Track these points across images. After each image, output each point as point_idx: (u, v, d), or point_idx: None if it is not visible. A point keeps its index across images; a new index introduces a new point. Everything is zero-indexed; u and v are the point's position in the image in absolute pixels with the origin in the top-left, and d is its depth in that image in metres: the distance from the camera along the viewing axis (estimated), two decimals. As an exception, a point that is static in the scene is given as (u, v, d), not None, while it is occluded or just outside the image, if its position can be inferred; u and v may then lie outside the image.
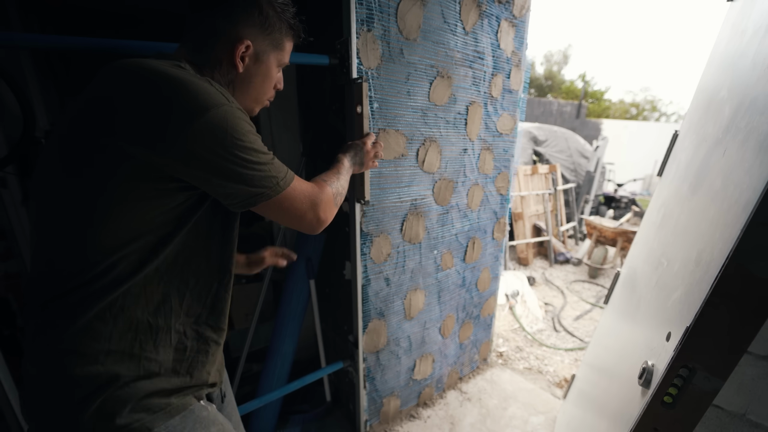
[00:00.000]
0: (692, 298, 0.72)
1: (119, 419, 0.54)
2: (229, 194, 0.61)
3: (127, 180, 0.53)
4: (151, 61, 0.57)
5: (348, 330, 1.58)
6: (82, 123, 0.55)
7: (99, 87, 0.56)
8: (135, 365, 0.57)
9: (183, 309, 0.63)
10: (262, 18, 0.68)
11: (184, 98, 0.53)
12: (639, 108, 30.16)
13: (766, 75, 0.73)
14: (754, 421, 0.82)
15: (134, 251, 0.56)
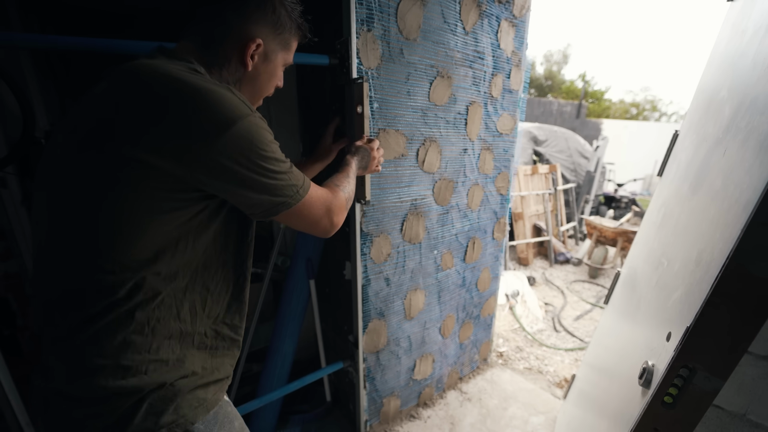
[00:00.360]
0: (692, 298, 0.71)
1: (165, 417, 0.56)
2: (252, 204, 0.61)
3: (151, 192, 0.53)
4: (168, 66, 0.56)
5: (348, 330, 1.58)
6: (98, 132, 0.52)
7: (116, 93, 0.54)
8: (174, 369, 0.59)
9: (205, 312, 0.64)
10: (274, 17, 0.68)
11: (211, 111, 0.53)
12: (639, 108, 30.17)
13: (766, 75, 0.73)
14: (755, 421, 0.82)
15: (162, 264, 0.56)
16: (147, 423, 0.55)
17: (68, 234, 0.55)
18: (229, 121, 0.54)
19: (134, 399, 0.55)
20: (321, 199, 0.71)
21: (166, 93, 0.52)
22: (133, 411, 0.54)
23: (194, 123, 0.52)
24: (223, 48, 0.65)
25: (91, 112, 0.55)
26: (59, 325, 0.55)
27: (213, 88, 0.55)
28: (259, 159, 0.58)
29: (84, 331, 0.53)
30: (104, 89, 0.56)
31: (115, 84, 0.55)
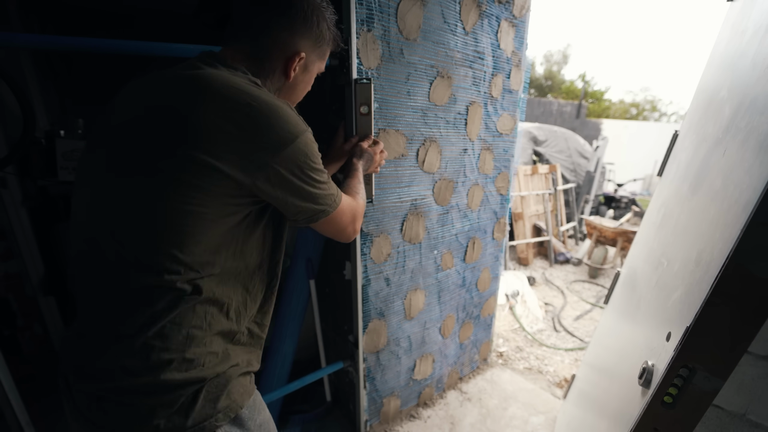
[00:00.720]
0: (692, 298, 0.71)
1: (221, 402, 0.62)
2: (298, 211, 0.67)
3: (216, 197, 0.57)
4: (237, 79, 0.60)
5: (348, 330, 1.58)
6: (168, 135, 0.55)
7: (188, 101, 0.56)
8: (224, 361, 0.64)
9: (247, 312, 0.69)
10: (317, 31, 0.72)
11: (279, 126, 0.59)
12: (639, 108, 30.16)
13: (766, 75, 0.73)
14: (754, 421, 0.82)
15: (217, 265, 0.61)
16: (206, 409, 0.60)
17: (132, 235, 0.57)
18: (292, 137, 0.60)
19: (196, 387, 0.60)
20: (349, 208, 0.77)
21: (242, 107, 0.57)
22: (194, 398, 0.59)
23: (265, 136, 0.57)
24: (269, 59, 0.69)
25: (156, 114, 0.57)
26: (125, 323, 0.57)
27: (280, 105, 0.61)
28: (310, 171, 0.64)
29: (152, 328, 0.57)
30: (170, 94, 0.58)
31: (186, 91, 0.57)
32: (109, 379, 0.57)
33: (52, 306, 2.13)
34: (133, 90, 0.64)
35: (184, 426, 0.58)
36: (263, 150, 0.57)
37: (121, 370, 0.57)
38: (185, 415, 0.58)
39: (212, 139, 0.55)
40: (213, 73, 0.59)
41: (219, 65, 0.64)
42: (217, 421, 0.61)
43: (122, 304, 0.57)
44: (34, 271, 2.03)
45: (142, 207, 0.56)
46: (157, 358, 0.57)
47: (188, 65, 0.63)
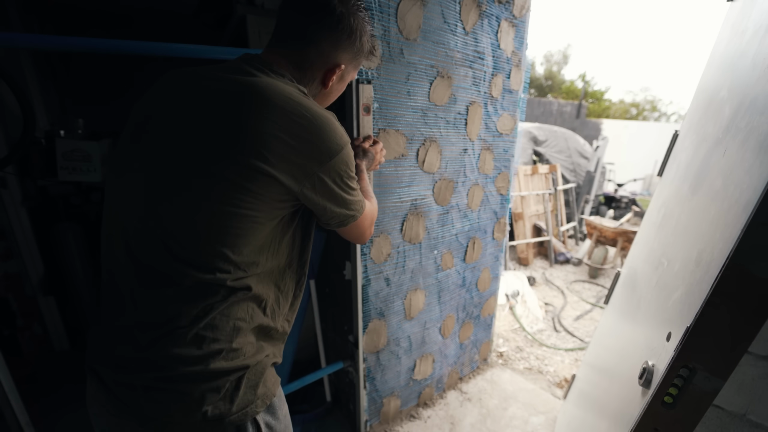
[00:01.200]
0: (692, 298, 0.71)
1: (259, 389, 0.67)
2: (333, 216, 0.70)
3: (265, 200, 0.60)
4: (288, 87, 0.63)
5: (348, 330, 1.58)
6: (223, 139, 0.58)
7: (242, 107, 0.58)
8: (260, 351, 0.68)
9: (280, 309, 0.73)
10: (359, 46, 0.75)
11: (329, 138, 0.63)
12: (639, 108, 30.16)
13: (766, 75, 0.73)
14: (755, 421, 0.82)
15: (260, 265, 0.65)
16: (248, 395, 0.65)
17: (185, 234, 0.59)
18: (338, 148, 0.64)
19: (239, 374, 0.64)
20: (369, 212, 0.80)
21: (298, 119, 0.60)
22: (237, 385, 0.64)
23: (316, 147, 0.61)
24: (311, 68, 0.72)
25: (212, 119, 0.59)
26: (178, 316, 0.60)
27: (329, 116, 0.65)
28: (348, 179, 0.69)
29: (204, 320, 0.60)
30: (227, 100, 0.60)
31: (245, 99, 0.59)
32: (160, 369, 0.59)
33: (52, 306, 2.13)
34: (177, 87, 0.65)
35: (230, 411, 0.62)
36: (314, 160, 0.62)
37: (174, 360, 0.59)
38: (230, 401, 0.63)
39: (269, 147, 0.58)
40: (269, 82, 0.62)
41: (269, 72, 0.66)
42: (257, 408, 0.66)
43: (175, 299, 0.60)
44: (34, 271, 2.03)
45: (195, 208, 0.58)
46: (209, 347, 0.60)
47: (238, 69, 0.65)
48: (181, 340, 0.59)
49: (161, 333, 0.59)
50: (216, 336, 0.61)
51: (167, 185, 0.60)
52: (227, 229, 0.59)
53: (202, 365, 0.60)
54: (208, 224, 0.58)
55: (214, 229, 0.59)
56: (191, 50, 0.95)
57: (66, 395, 1.86)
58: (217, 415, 0.61)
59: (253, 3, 1.62)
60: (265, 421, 0.68)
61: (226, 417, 0.62)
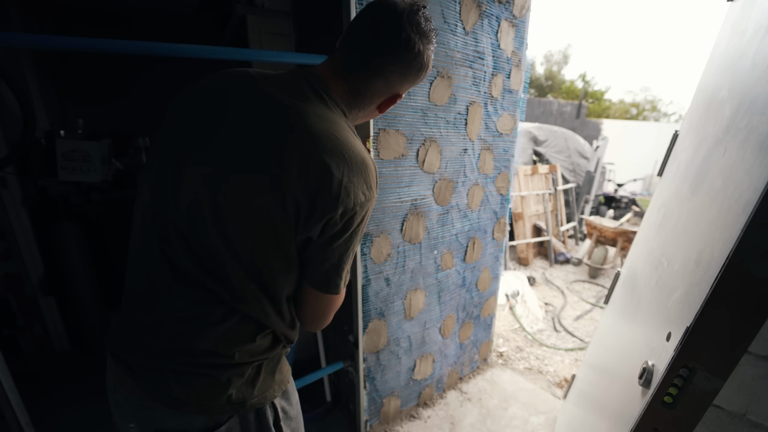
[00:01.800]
0: (692, 298, 0.72)
1: (276, 375, 0.72)
2: (314, 273, 0.67)
3: (290, 231, 0.60)
4: (341, 131, 0.62)
5: (348, 330, 1.58)
6: (270, 170, 0.57)
7: (296, 145, 0.57)
8: (277, 344, 0.71)
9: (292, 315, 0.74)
10: (422, 74, 0.71)
11: (364, 190, 0.62)
12: (639, 108, 30.16)
13: (766, 75, 0.73)
14: (754, 421, 0.82)
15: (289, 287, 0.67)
16: (267, 381, 0.69)
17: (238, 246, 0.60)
18: (368, 198, 0.64)
19: (260, 362, 0.68)
20: (337, 303, 0.75)
21: (341, 172, 0.59)
22: (258, 371, 0.68)
23: (351, 198, 0.60)
24: (372, 96, 0.70)
25: (259, 139, 0.58)
26: (213, 313, 0.62)
27: (371, 164, 0.64)
28: (355, 238, 0.66)
29: (233, 318, 0.63)
30: (276, 127, 0.59)
31: (294, 135, 0.58)
32: (190, 355, 0.62)
33: (52, 306, 2.13)
34: (235, 95, 0.63)
35: (251, 395, 0.66)
36: (341, 209, 0.61)
37: (204, 351, 0.62)
38: (252, 386, 0.66)
39: (308, 192, 0.59)
40: (325, 127, 0.60)
41: (324, 97, 0.65)
42: (275, 392, 0.70)
43: (206, 300, 0.62)
44: (34, 271, 2.03)
45: (239, 218, 0.59)
46: (236, 341, 0.63)
47: (296, 88, 0.63)
48: (212, 334, 0.62)
49: (192, 327, 0.62)
50: (243, 331, 0.64)
51: (213, 191, 0.59)
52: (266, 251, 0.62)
53: (229, 357, 0.63)
54: (238, 229, 0.60)
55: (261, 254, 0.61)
56: (191, 50, 0.95)
57: (66, 395, 1.86)
58: (240, 399, 0.65)
59: (253, 3, 1.62)
60: (281, 405, 0.72)
61: (248, 400, 0.66)
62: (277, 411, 0.71)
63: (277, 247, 0.61)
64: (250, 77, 0.65)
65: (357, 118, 0.74)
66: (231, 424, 0.65)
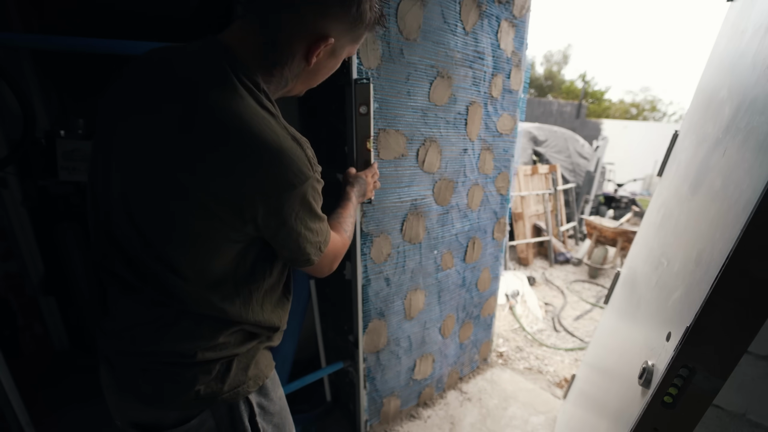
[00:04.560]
0: (692, 298, 0.72)
1: (250, 371, 0.69)
2: (282, 255, 0.66)
3: (214, 227, 0.57)
4: (248, 110, 0.54)
5: (348, 330, 1.58)
6: (176, 158, 0.54)
7: (199, 133, 0.53)
8: (252, 339, 0.70)
9: (260, 306, 0.72)
10: (357, 13, 0.61)
11: (280, 172, 0.55)
12: (639, 108, 30.15)
13: (766, 75, 0.73)
14: (754, 421, 0.82)
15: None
16: (239, 376, 0.67)
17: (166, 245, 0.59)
18: (291, 185, 0.56)
19: (229, 359, 0.66)
20: (333, 251, 0.74)
21: (247, 150, 0.53)
22: (228, 367, 0.66)
23: (259, 184, 0.54)
24: (290, 45, 0.59)
25: (164, 128, 0.54)
26: (166, 314, 0.62)
27: (287, 147, 0.55)
28: (301, 223, 0.61)
29: (188, 318, 0.63)
30: (181, 114, 0.54)
31: (199, 121, 0.53)
32: (155, 355, 0.63)
33: (52, 306, 2.13)
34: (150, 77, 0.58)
35: (222, 390, 0.65)
36: (257, 196, 0.56)
37: (167, 351, 0.62)
38: (222, 381, 0.65)
39: (212, 176, 0.55)
40: (229, 106, 0.53)
41: (232, 76, 0.55)
42: (248, 388, 0.68)
43: (155, 302, 0.62)
44: (34, 271, 2.03)
45: (163, 216, 0.58)
46: (197, 342, 0.62)
47: (206, 76, 0.55)
48: (171, 336, 0.62)
49: (150, 330, 0.62)
50: (203, 330, 0.63)
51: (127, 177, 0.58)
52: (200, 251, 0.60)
53: (192, 356, 0.62)
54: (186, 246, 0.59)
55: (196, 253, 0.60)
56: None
57: (66, 395, 1.85)
58: (210, 394, 0.64)
59: (253, 3, 1.61)
60: (257, 401, 0.70)
61: (218, 395, 0.64)
62: (252, 407, 0.69)
63: (210, 250, 0.58)
64: (157, 74, 0.58)
65: (284, 81, 0.64)
66: (203, 417, 0.65)
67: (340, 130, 1.40)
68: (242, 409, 0.68)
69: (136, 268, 0.61)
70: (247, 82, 0.57)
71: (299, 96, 0.76)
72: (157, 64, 0.60)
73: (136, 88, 0.59)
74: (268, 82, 0.62)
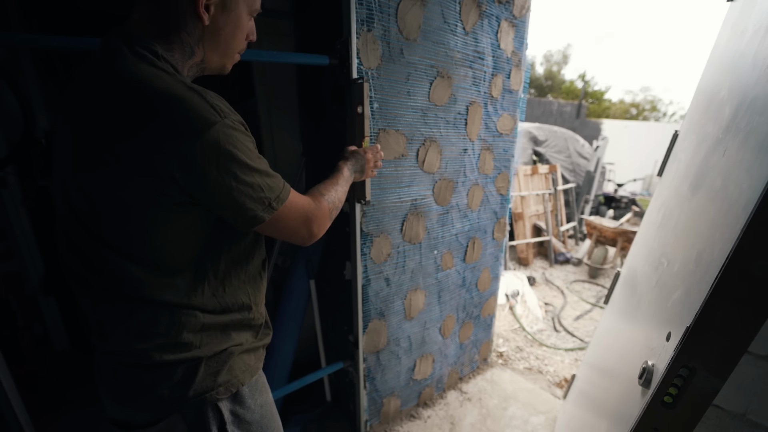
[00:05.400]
0: (692, 298, 0.72)
1: (221, 377, 0.66)
2: (225, 216, 0.61)
3: (135, 196, 0.54)
4: (139, 69, 0.53)
5: (348, 330, 1.58)
6: (88, 137, 0.55)
7: (98, 98, 0.55)
8: (225, 342, 0.67)
9: (224, 298, 0.70)
10: None
11: (174, 118, 0.51)
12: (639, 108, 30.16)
13: (766, 75, 0.73)
14: (754, 421, 0.82)
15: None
16: (207, 381, 0.64)
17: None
18: (195, 132, 0.51)
19: (193, 363, 0.64)
20: (299, 210, 0.68)
21: (136, 102, 0.52)
22: (195, 371, 0.63)
23: (162, 135, 0.51)
24: (174, 6, 0.57)
25: (83, 105, 0.57)
26: (121, 309, 0.61)
27: (183, 95, 0.52)
28: (225, 173, 0.55)
29: (143, 316, 0.61)
30: (93, 87, 0.57)
31: (99, 93, 0.55)
32: (118, 355, 0.63)
33: (52, 306, 2.13)
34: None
35: (186, 395, 0.62)
36: (163, 151, 0.53)
37: (125, 351, 0.62)
38: (186, 386, 0.63)
39: (116, 142, 0.55)
40: (123, 70, 0.53)
41: (125, 50, 0.55)
42: (218, 395, 0.65)
43: (106, 297, 0.62)
44: (34, 271, 2.04)
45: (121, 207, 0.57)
46: (152, 342, 0.61)
47: (101, 60, 0.57)
48: (128, 334, 0.61)
49: (107, 328, 0.62)
50: (158, 331, 0.61)
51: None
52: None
53: (149, 358, 0.61)
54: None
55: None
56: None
57: (66, 395, 1.86)
58: (175, 398, 0.62)
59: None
60: (230, 408, 0.67)
61: (183, 401, 0.63)
62: (221, 415, 0.65)
63: (143, 221, 0.56)
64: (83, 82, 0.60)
65: (189, 49, 0.62)
66: (172, 420, 0.63)
67: (341, 130, 1.40)
68: (210, 417, 0.64)
69: (89, 262, 0.61)
70: (141, 51, 0.55)
71: (224, 74, 0.71)
72: (86, 64, 0.61)
73: (70, 90, 0.62)
74: (170, 50, 0.60)
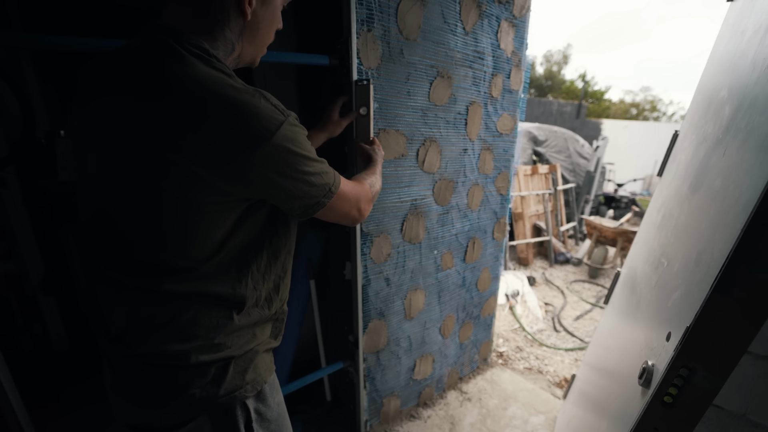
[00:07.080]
0: (692, 298, 0.72)
1: (248, 375, 0.68)
2: (290, 207, 0.64)
3: (197, 197, 0.55)
4: (203, 75, 0.53)
5: (348, 330, 1.58)
6: (143, 134, 0.53)
7: (158, 98, 0.53)
8: (252, 341, 0.69)
9: (260, 299, 0.72)
10: None
11: (248, 126, 0.53)
12: (639, 108, 30.16)
13: (766, 75, 0.73)
14: (754, 421, 0.82)
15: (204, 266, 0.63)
16: (236, 380, 0.66)
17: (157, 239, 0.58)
18: (266, 136, 0.54)
19: (225, 362, 0.65)
20: (351, 193, 0.74)
21: (209, 107, 0.52)
22: (225, 370, 0.65)
23: (235, 138, 0.53)
24: (221, 4, 0.59)
25: (128, 109, 0.55)
26: (157, 314, 0.61)
27: (247, 101, 0.54)
28: (297, 166, 0.59)
29: (184, 317, 0.61)
30: (138, 96, 0.54)
31: (155, 92, 0.53)
32: (149, 357, 0.62)
33: (52, 306, 2.13)
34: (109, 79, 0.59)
35: (217, 394, 0.63)
36: (236, 154, 0.55)
37: (160, 353, 0.61)
38: (218, 385, 0.64)
39: (180, 141, 0.55)
40: (185, 72, 0.53)
41: (182, 48, 0.55)
42: (246, 392, 0.67)
43: (148, 301, 0.62)
44: (34, 271, 2.03)
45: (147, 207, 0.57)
46: (192, 343, 0.61)
47: (149, 56, 0.56)
48: (167, 336, 0.61)
49: (143, 330, 0.61)
50: (197, 333, 0.61)
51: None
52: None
53: (186, 359, 0.61)
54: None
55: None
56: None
57: (66, 395, 1.86)
58: (205, 398, 0.63)
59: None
60: (254, 407, 0.69)
61: (214, 400, 0.63)
62: (249, 412, 0.68)
63: (201, 222, 0.57)
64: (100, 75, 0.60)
65: (230, 44, 0.63)
66: (200, 422, 0.63)
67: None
68: (239, 415, 0.66)
69: (125, 264, 0.60)
70: (194, 50, 0.56)
71: (253, 67, 0.73)
72: (111, 57, 0.60)
73: (96, 80, 0.60)
74: (215, 48, 0.61)
